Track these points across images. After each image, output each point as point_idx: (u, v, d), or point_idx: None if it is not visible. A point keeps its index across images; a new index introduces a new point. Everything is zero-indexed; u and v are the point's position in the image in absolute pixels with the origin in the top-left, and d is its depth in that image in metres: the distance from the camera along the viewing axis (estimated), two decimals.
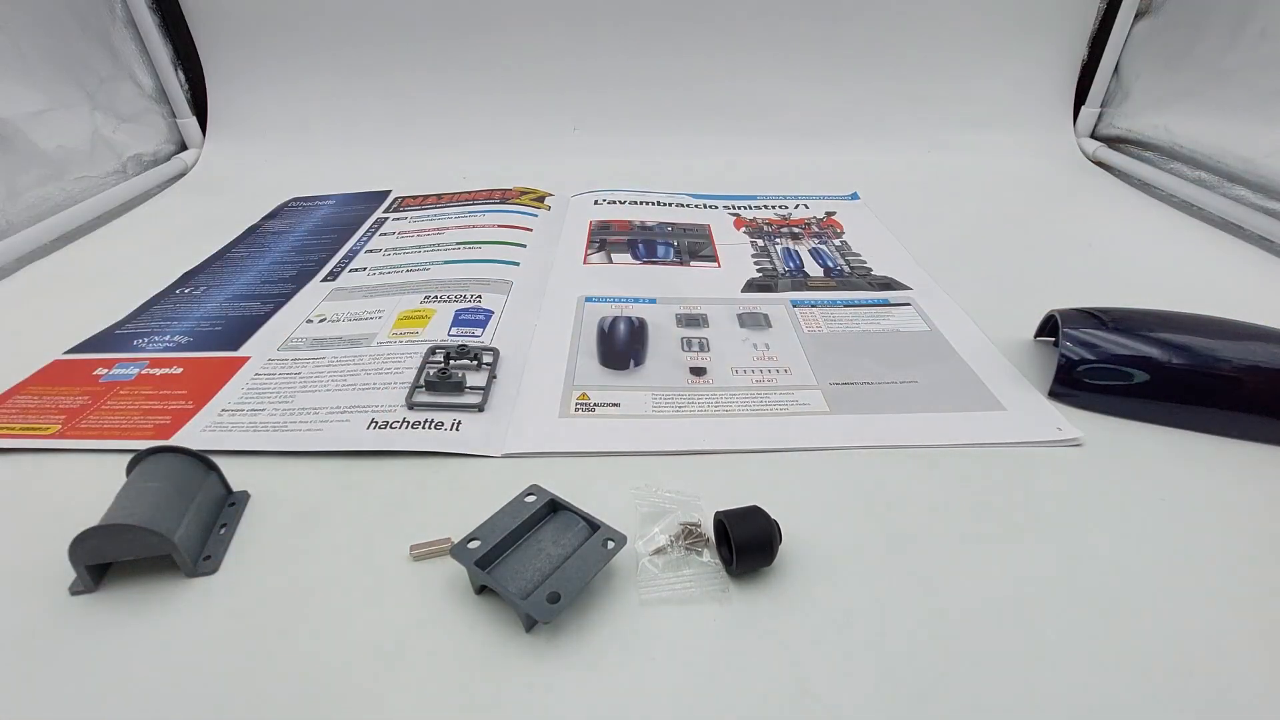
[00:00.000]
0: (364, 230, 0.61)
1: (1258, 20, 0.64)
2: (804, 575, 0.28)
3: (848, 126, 0.81)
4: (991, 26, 0.78)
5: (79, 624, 0.26)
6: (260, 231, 0.62)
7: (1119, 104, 0.80)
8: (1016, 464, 0.34)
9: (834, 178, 0.72)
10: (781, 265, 0.55)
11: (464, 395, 0.38)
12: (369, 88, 0.80)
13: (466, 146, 0.79)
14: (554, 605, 0.25)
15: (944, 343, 0.44)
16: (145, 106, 0.75)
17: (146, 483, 0.29)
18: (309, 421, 0.36)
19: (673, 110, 0.81)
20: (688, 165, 0.76)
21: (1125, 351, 0.37)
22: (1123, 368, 0.37)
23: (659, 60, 0.79)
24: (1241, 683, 0.24)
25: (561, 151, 0.79)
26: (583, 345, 0.43)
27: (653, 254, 0.56)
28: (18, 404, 0.38)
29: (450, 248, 0.56)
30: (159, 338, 0.45)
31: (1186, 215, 0.64)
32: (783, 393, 0.39)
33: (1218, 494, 0.32)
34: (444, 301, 0.47)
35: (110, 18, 0.71)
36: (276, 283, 0.52)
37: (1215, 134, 0.67)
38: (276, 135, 0.80)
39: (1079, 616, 0.26)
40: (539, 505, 0.29)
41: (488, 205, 0.64)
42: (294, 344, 0.44)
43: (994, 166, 0.76)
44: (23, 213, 0.59)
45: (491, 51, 0.79)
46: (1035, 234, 0.61)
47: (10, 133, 0.59)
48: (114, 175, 0.70)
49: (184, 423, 0.36)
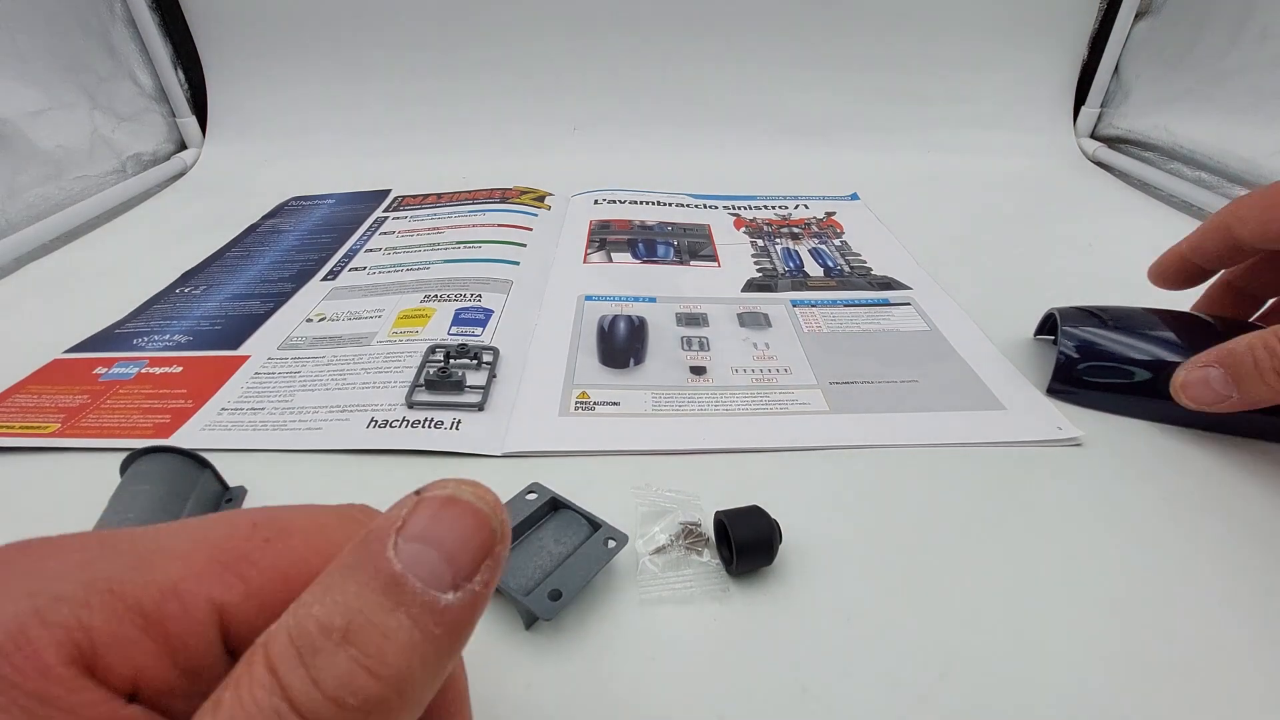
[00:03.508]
0: (364, 229, 0.61)
1: (1258, 20, 0.64)
2: (804, 575, 0.28)
3: (848, 126, 0.81)
4: (991, 26, 0.78)
5: None
6: (260, 230, 0.62)
7: (1119, 104, 0.80)
8: (1017, 463, 0.34)
9: (834, 178, 0.72)
10: (781, 265, 0.55)
11: (464, 394, 0.38)
12: (369, 87, 0.80)
13: (467, 146, 0.79)
14: (555, 603, 0.25)
15: (944, 342, 0.44)
16: (145, 106, 0.75)
17: (139, 485, 0.28)
18: (308, 420, 0.36)
19: (673, 110, 0.81)
20: (688, 165, 0.76)
21: (1125, 349, 0.37)
22: (1123, 365, 0.37)
23: (659, 61, 0.79)
24: (1243, 683, 0.24)
25: (561, 151, 0.79)
26: (583, 344, 0.43)
27: (653, 253, 0.56)
28: (17, 403, 0.38)
29: (450, 247, 0.56)
30: (159, 337, 0.45)
31: (1187, 215, 0.64)
32: (783, 392, 0.39)
33: (1220, 492, 0.32)
34: (444, 300, 0.47)
35: (110, 17, 0.71)
36: (276, 282, 0.52)
37: (1215, 134, 0.67)
38: (276, 135, 0.80)
39: (1080, 615, 0.26)
40: (540, 503, 0.29)
41: (488, 205, 0.64)
42: (294, 343, 0.44)
43: (994, 166, 0.76)
44: (22, 212, 0.59)
45: (492, 51, 0.79)
46: (1035, 234, 0.61)
47: (9, 132, 0.59)
48: (113, 174, 0.70)
49: (184, 421, 0.36)
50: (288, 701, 0.11)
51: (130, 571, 0.12)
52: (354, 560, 0.12)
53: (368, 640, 0.11)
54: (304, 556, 0.13)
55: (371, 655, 0.11)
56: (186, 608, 0.12)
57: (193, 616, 0.12)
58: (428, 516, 0.12)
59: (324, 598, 0.12)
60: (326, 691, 0.11)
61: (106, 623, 0.11)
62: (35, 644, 0.11)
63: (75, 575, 0.12)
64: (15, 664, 0.10)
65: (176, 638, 0.12)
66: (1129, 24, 0.76)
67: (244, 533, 0.13)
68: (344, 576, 0.12)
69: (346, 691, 0.11)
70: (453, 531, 0.12)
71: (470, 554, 0.12)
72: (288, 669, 0.11)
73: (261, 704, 0.10)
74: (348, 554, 0.12)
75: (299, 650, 0.11)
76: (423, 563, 0.12)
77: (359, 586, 0.12)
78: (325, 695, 0.11)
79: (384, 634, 0.11)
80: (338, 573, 0.12)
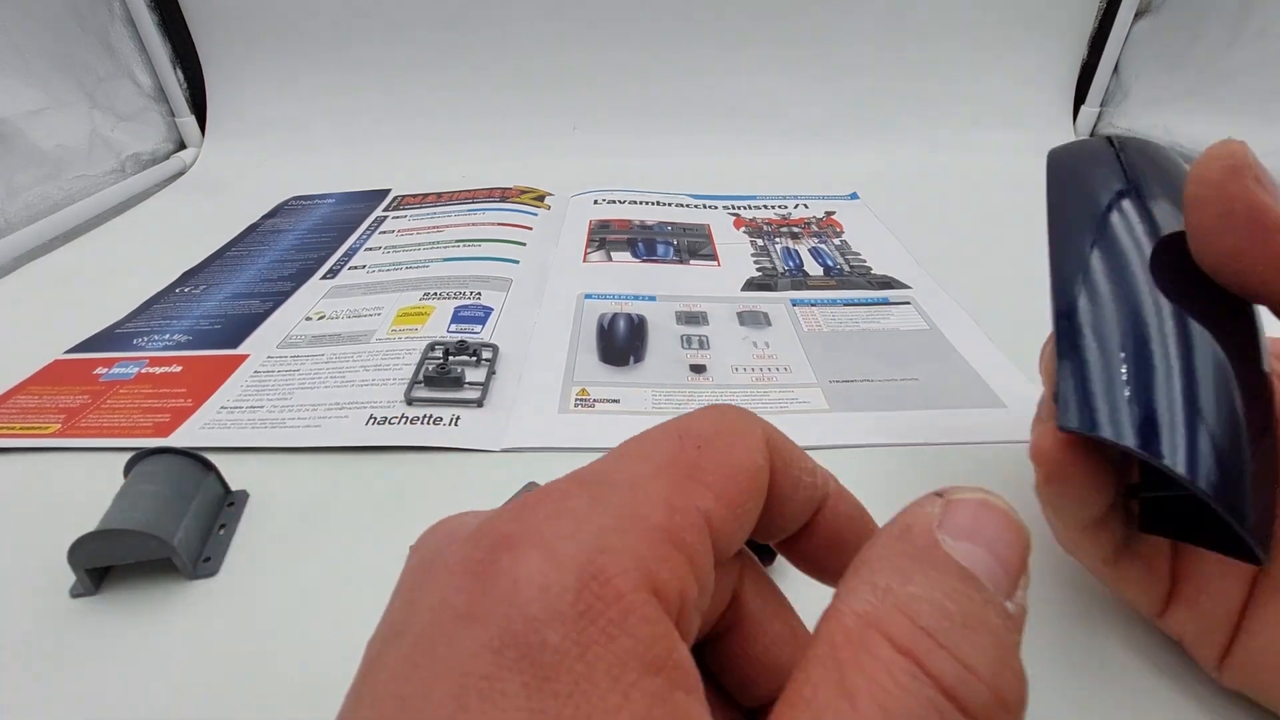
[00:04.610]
0: (364, 228, 0.61)
1: (1257, 20, 0.64)
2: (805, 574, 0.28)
3: (847, 126, 0.81)
4: (991, 26, 0.78)
5: (80, 627, 0.26)
6: (260, 230, 0.62)
7: (1119, 103, 0.80)
8: (1018, 461, 0.34)
9: (833, 177, 0.72)
10: (781, 264, 0.55)
11: (463, 390, 0.38)
12: (369, 87, 0.80)
13: (466, 146, 0.79)
14: None
15: (944, 341, 0.44)
16: (144, 105, 0.75)
17: (144, 485, 0.28)
18: (308, 418, 0.36)
19: (672, 110, 0.81)
20: (687, 165, 0.76)
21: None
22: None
23: (659, 61, 0.79)
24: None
25: (561, 151, 0.79)
26: (582, 341, 0.43)
27: (652, 252, 0.56)
28: (18, 404, 0.38)
29: (450, 245, 0.56)
30: (159, 336, 0.45)
31: None
32: (782, 390, 0.39)
33: None
34: (443, 298, 0.47)
35: (109, 16, 0.71)
36: (276, 281, 0.52)
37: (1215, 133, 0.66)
38: (276, 134, 0.80)
39: (1081, 613, 0.26)
40: None
41: (487, 204, 0.64)
42: (293, 341, 0.44)
43: (994, 165, 0.76)
44: (21, 212, 0.59)
45: (492, 51, 0.79)
46: (1035, 233, 0.61)
47: (8, 131, 0.59)
48: (113, 174, 0.70)
49: (183, 420, 0.36)
50: (941, 690, 0.10)
51: (633, 499, 0.12)
52: (906, 549, 0.11)
53: (981, 635, 0.10)
54: (736, 457, 0.13)
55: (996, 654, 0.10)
56: (690, 520, 0.12)
57: (695, 525, 0.12)
58: (970, 516, 0.12)
59: (910, 581, 0.11)
60: (982, 678, 0.10)
61: (651, 546, 0.11)
62: (607, 573, 0.10)
63: (597, 514, 0.11)
64: (596, 593, 0.10)
65: (691, 548, 0.12)
66: (1128, 23, 0.76)
67: (680, 446, 0.13)
68: (911, 561, 0.11)
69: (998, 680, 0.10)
70: (999, 536, 0.11)
71: (1017, 561, 0.11)
72: (925, 651, 0.10)
73: (906, 687, 0.10)
74: (890, 540, 0.12)
75: (931, 633, 0.10)
76: (979, 563, 0.11)
77: (939, 574, 0.11)
78: (981, 681, 0.10)
79: (984, 625, 0.10)
80: (898, 557, 0.11)
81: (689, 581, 0.11)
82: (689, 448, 0.13)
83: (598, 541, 0.11)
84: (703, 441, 0.14)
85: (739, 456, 0.14)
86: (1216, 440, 0.17)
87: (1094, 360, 0.19)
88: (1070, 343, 0.20)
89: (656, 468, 0.13)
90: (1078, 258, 0.22)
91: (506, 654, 0.09)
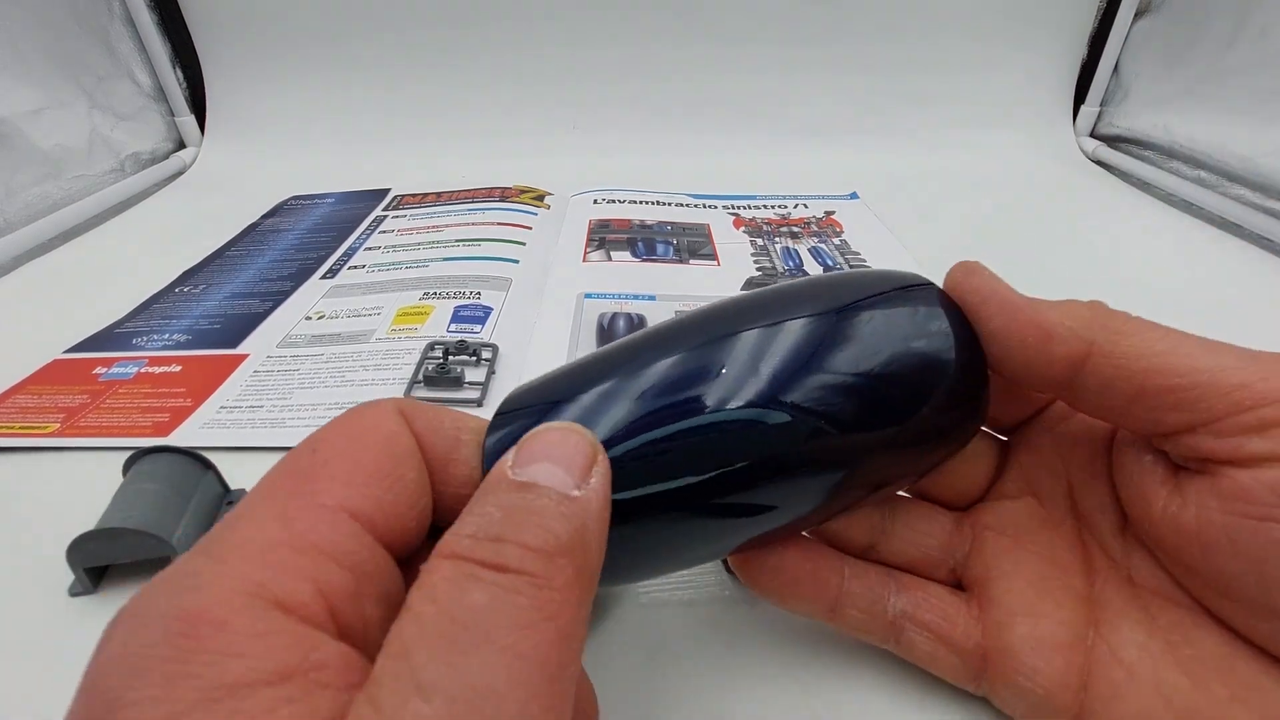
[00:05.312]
0: (363, 228, 0.61)
1: (1257, 19, 0.64)
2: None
3: (847, 126, 0.81)
4: (990, 25, 0.78)
5: (79, 626, 0.26)
6: (259, 229, 0.62)
7: (1119, 103, 0.80)
8: None
9: (833, 177, 0.72)
10: (781, 264, 0.55)
11: (463, 390, 0.38)
12: (369, 86, 0.80)
13: (466, 145, 0.79)
14: None
15: None
16: (143, 105, 0.75)
17: (143, 484, 0.28)
18: (308, 418, 0.36)
19: (672, 110, 0.81)
20: (687, 164, 0.76)
21: None
22: None
23: (658, 60, 0.79)
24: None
25: (561, 151, 0.79)
26: (582, 341, 0.43)
27: (652, 252, 0.56)
28: (17, 403, 0.38)
29: (449, 245, 0.56)
30: (158, 336, 0.45)
31: (1186, 214, 0.64)
32: None
33: None
34: (443, 298, 0.47)
35: (108, 15, 0.71)
36: (275, 280, 0.52)
37: (1215, 133, 0.67)
38: (275, 133, 0.80)
39: None
40: None
41: (487, 203, 0.64)
42: (293, 341, 0.44)
43: (993, 165, 0.76)
44: (20, 211, 0.59)
45: (492, 50, 0.79)
46: (1034, 233, 0.61)
47: (7, 131, 0.59)
48: (112, 173, 0.70)
49: (183, 420, 0.36)
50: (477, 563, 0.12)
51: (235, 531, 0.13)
52: (481, 493, 0.14)
53: (525, 517, 0.13)
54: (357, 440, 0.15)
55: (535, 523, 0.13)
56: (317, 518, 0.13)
57: (328, 520, 0.13)
58: (537, 444, 0.14)
59: (471, 515, 0.13)
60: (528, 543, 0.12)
61: (261, 566, 0.12)
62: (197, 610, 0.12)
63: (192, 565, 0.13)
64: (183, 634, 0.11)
65: (329, 543, 0.13)
66: (1128, 23, 0.76)
67: (301, 457, 0.15)
68: (479, 497, 0.13)
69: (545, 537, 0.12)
70: (560, 448, 0.14)
71: (581, 459, 0.14)
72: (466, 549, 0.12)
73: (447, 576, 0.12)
74: (475, 497, 0.14)
75: (470, 534, 0.13)
76: (544, 473, 0.13)
77: (496, 495, 0.13)
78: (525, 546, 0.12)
79: (534, 510, 0.13)
80: (475, 502, 0.13)
81: (333, 573, 0.12)
82: (306, 454, 0.14)
83: (186, 586, 0.12)
84: (319, 443, 0.15)
85: (360, 437, 0.15)
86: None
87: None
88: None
89: (271, 488, 0.14)
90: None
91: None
